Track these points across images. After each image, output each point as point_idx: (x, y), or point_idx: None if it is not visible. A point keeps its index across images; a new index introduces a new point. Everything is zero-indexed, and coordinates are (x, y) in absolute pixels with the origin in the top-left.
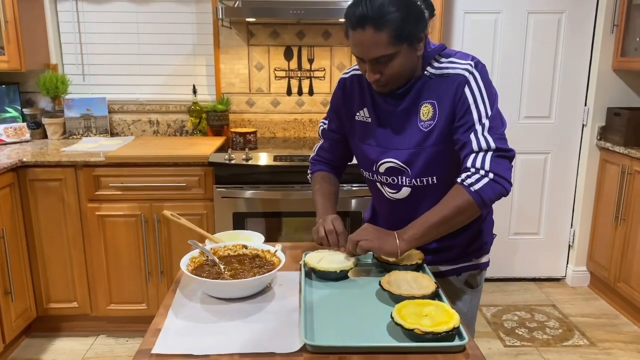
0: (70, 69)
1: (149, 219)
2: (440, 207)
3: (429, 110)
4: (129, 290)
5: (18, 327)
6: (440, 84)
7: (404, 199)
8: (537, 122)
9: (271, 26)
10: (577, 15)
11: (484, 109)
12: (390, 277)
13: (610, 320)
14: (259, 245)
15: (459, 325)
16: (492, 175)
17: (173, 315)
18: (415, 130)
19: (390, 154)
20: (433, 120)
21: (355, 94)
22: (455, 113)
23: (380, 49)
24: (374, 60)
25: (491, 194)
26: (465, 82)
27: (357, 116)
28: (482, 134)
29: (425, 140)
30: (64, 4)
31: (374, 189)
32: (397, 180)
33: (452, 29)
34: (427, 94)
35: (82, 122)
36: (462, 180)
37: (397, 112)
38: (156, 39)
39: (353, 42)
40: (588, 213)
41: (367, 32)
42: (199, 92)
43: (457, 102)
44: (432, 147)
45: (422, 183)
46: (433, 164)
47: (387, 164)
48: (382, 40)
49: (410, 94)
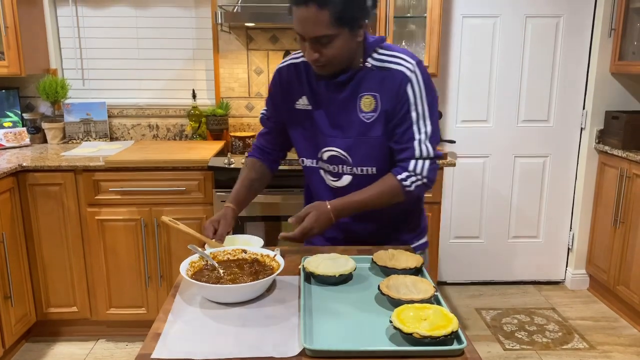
0: (70, 73)
1: (149, 224)
2: (373, 194)
3: (370, 102)
4: (129, 295)
5: (18, 331)
6: (382, 78)
7: (345, 186)
8: (536, 125)
9: (270, 31)
10: (575, 20)
11: (422, 110)
12: (389, 281)
13: (609, 323)
14: (258, 250)
15: (457, 330)
16: (426, 180)
17: (173, 320)
18: (356, 120)
19: (332, 143)
20: (375, 112)
21: (294, 83)
22: (395, 109)
23: (322, 28)
24: (315, 40)
25: (417, 192)
26: (408, 81)
27: (298, 105)
28: (425, 143)
29: (368, 131)
30: (63, 9)
31: (316, 176)
32: (338, 169)
33: (451, 33)
34: (368, 85)
35: (81, 126)
36: (401, 180)
37: (338, 101)
38: (156, 43)
39: (296, 18)
40: (587, 216)
41: (310, 9)
42: (199, 97)
43: (398, 99)
44: (374, 138)
45: (363, 172)
46: (374, 154)
47: (330, 152)
48: (324, 19)
49: (351, 84)
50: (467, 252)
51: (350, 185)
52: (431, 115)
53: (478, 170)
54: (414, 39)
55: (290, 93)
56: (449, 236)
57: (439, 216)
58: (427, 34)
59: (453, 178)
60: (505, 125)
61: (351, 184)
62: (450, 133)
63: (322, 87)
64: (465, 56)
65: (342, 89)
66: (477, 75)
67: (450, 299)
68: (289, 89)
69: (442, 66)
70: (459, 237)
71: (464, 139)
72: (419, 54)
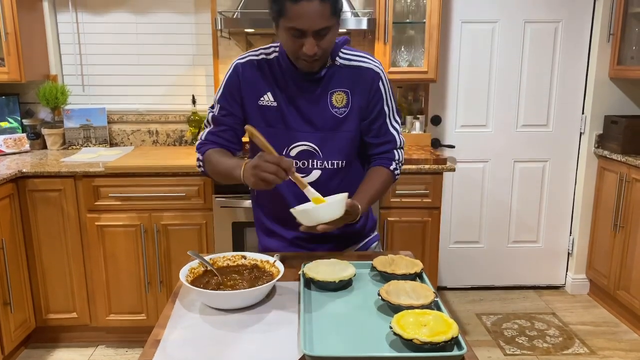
0: (70, 79)
1: (149, 229)
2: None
3: (342, 98)
4: (128, 301)
5: (17, 337)
6: (352, 75)
7: (313, 182)
8: (535, 130)
9: (270, 36)
10: (574, 25)
11: (392, 103)
12: (389, 287)
13: (610, 328)
14: (257, 256)
15: (457, 335)
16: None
17: (172, 326)
18: (328, 115)
19: (303, 137)
20: (347, 107)
21: (257, 79)
22: (369, 104)
23: (324, 20)
24: (316, 33)
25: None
26: (379, 78)
27: (261, 101)
28: (400, 133)
29: (340, 125)
30: (64, 15)
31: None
32: (308, 164)
33: (450, 38)
34: (338, 82)
35: (81, 132)
36: (393, 170)
37: (308, 97)
38: (155, 49)
39: (297, 14)
40: (587, 221)
41: (313, 3)
42: (198, 102)
43: (372, 94)
44: (346, 133)
45: (333, 166)
46: (345, 148)
47: (300, 147)
48: (326, 11)
49: (322, 80)
50: (467, 257)
51: (318, 179)
52: (397, 106)
53: (478, 175)
54: (413, 44)
55: (253, 89)
56: (449, 241)
57: (438, 221)
58: (426, 39)
59: (453, 183)
60: (504, 130)
61: (319, 178)
62: (450, 138)
63: (291, 83)
64: (465, 61)
65: (313, 85)
66: (476, 80)
67: (451, 304)
68: (252, 85)
69: (441, 71)
70: (459, 242)
71: (463, 143)
72: (418, 59)
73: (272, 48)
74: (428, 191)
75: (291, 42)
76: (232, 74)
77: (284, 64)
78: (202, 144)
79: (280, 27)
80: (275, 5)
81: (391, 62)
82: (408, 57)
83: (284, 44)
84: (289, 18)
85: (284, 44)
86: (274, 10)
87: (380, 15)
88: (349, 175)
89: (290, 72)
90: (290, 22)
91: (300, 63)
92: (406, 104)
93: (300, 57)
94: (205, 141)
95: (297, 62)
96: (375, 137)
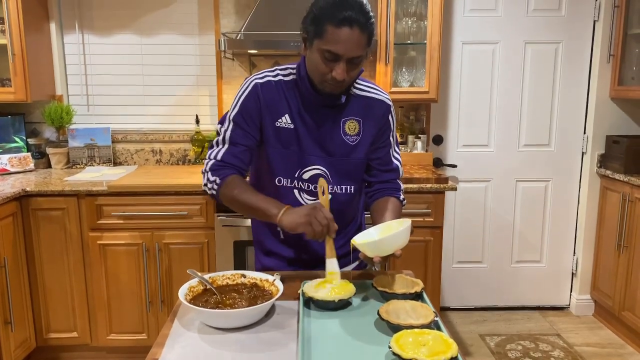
0: (75, 99)
1: (150, 248)
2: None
3: (355, 126)
4: (130, 320)
5: (17, 357)
6: (365, 105)
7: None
8: (537, 150)
9: (272, 57)
10: (574, 46)
11: (395, 136)
12: (389, 307)
13: (616, 350)
14: (257, 274)
15: (457, 355)
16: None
17: (170, 345)
18: (340, 141)
19: (316, 161)
20: (358, 135)
21: (276, 101)
22: (379, 134)
23: (360, 48)
24: (349, 60)
25: None
26: (389, 112)
27: (278, 123)
28: (401, 165)
29: (352, 152)
30: (70, 37)
31: (290, 197)
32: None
33: (451, 59)
34: (351, 110)
35: (85, 151)
36: (402, 199)
37: (323, 122)
38: (160, 70)
39: (336, 38)
40: (590, 241)
41: (354, 31)
42: (202, 122)
43: (382, 125)
44: (356, 159)
45: (342, 191)
46: (354, 174)
47: (313, 170)
48: (363, 40)
49: (338, 107)
50: (470, 277)
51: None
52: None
53: (480, 195)
54: (414, 65)
55: (272, 110)
56: (452, 261)
57: (440, 241)
58: (427, 60)
59: (455, 202)
60: (506, 150)
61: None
62: (452, 157)
63: (308, 107)
64: (466, 82)
65: (329, 111)
66: (477, 100)
67: (454, 324)
68: (271, 106)
69: (442, 91)
70: (462, 261)
71: (465, 163)
72: (420, 79)
73: (289, 70)
74: (430, 210)
75: (322, 65)
76: (251, 93)
77: (303, 87)
78: (220, 165)
79: (314, 48)
80: (314, 26)
81: (392, 82)
82: (409, 77)
83: (313, 64)
84: (326, 41)
85: (313, 64)
86: (310, 30)
87: (382, 37)
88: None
89: (308, 96)
90: (326, 44)
91: (324, 85)
92: (408, 124)
93: (327, 80)
94: (222, 163)
95: (321, 85)
96: (380, 164)
